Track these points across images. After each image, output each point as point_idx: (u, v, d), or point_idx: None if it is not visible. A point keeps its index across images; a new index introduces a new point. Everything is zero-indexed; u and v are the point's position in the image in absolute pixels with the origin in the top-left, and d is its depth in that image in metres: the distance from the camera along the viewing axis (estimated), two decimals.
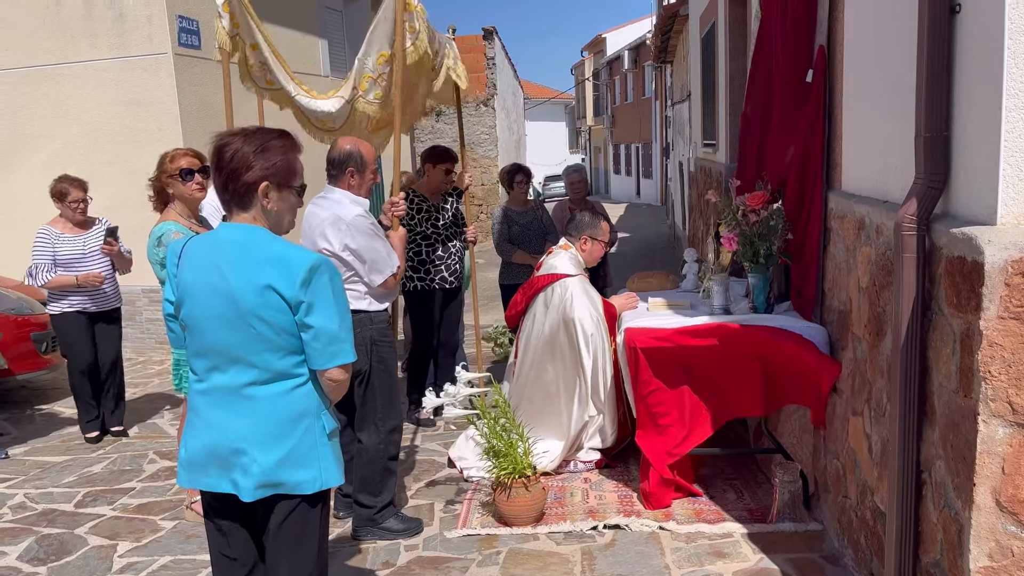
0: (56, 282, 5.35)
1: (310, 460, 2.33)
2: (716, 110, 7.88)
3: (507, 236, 6.19)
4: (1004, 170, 2.07)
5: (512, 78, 25.06)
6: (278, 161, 2.30)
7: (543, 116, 42.13)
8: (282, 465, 2.29)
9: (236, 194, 2.29)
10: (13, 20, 8.20)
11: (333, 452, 2.40)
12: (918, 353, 2.44)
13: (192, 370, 2.39)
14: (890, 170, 2.85)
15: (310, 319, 2.25)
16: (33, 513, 4.46)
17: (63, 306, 5.47)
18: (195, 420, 2.37)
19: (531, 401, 4.63)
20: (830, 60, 3.62)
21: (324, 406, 2.39)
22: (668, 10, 12.82)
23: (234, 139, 2.29)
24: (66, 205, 5.45)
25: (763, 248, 3.99)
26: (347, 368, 2.35)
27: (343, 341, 2.31)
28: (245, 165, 2.26)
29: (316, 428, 2.35)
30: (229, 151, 2.27)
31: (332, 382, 2.35)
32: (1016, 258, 2.02)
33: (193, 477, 2.38)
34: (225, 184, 2.29)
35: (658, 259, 14.30)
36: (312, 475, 2.33)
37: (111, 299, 5.62)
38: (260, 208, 2.31)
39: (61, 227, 5.47)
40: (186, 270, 2.34)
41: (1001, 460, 2.09)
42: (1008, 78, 2.04)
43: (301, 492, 2.33)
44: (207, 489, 2.39)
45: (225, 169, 2.27)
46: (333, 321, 2.28)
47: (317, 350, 2.28)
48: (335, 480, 2.40)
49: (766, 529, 3.70)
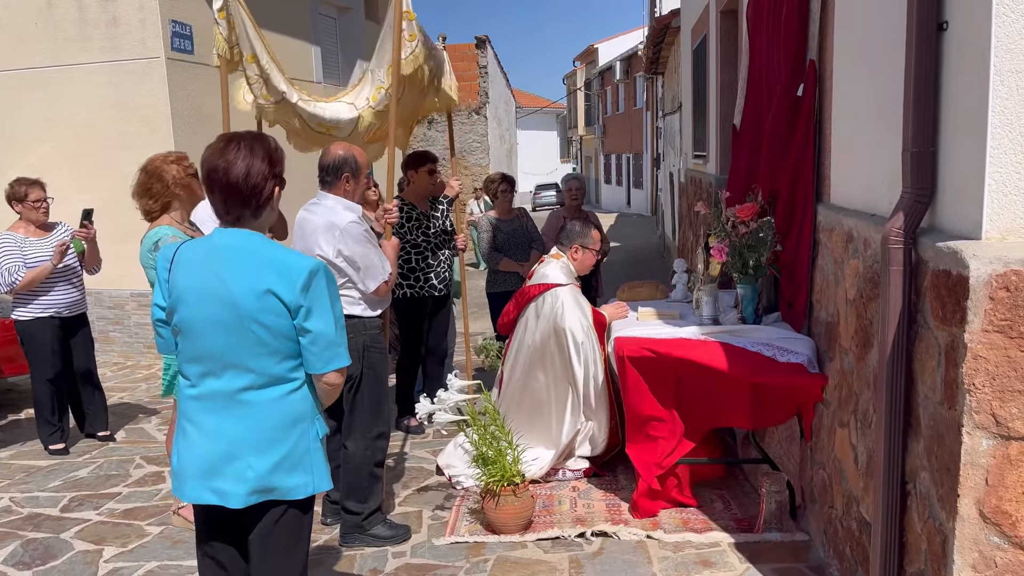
0: (32, 276, 5.07)
1: (304, 465, 2.34)
2: (707, 122, 7.93)
3: (494, 244, 6.21)
4: (989, 185, 2.11)
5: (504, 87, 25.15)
6: (281, 167, 2.37)
7: (535, 125, 42.25)
8: (276, 470, 2.30)
9: (258, 208, 2.31)
10: (5, 22, 8.18)
11: (324, 457, 2.42)
12: (904, 365, 2.47)
13: (184, 375, 2.37)
14: (878, 184, 2.89)
15: (309, 323, 2.26)
16: (18, 517, 4.43)
17: (34, 311, 5.23)
18: (187, 427, 2.35)
19: (520, 409, 4.63)
20: (820, 74, 3.66)
21: (318, 411, 2.41)
22: (660, 22, 12.91)
23: (238, 154, 2.26)
24: (28, 206, 5.20)
25: (752, 259, 4.02)
26: (343, 372, 2.38)
27: (339, 345, 2.34)
28: (263, 179, 2.29)
29: (310, 433, 2.36)
30: (242, 168, 2.25)
31: (328, 386, 2.37)
32: (1000, 272, 2.05)
33: (178, 486, 2.38)
34: (247, 201, 2.28)
35: (648, 269, 14.34)
36: (305, 480, 2.34)
37: (81, 304, 5.45)
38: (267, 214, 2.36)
39: (24, 231, 5.22)
40: (179, 275, 2.32)
41: (985, 472, 2.12)
42: (994, 95, 2.08)
43: (293, 497, 2.33)
44: (191, 501, 2.38)
45: (245, 187, 2.26)
46: (330, 325, 2.30)
47: (315, 354, 2.30)
48: (326, 485, 2.41)
49: (753, 539, 3.72)
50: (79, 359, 5.54)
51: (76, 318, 5.46)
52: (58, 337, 5.36)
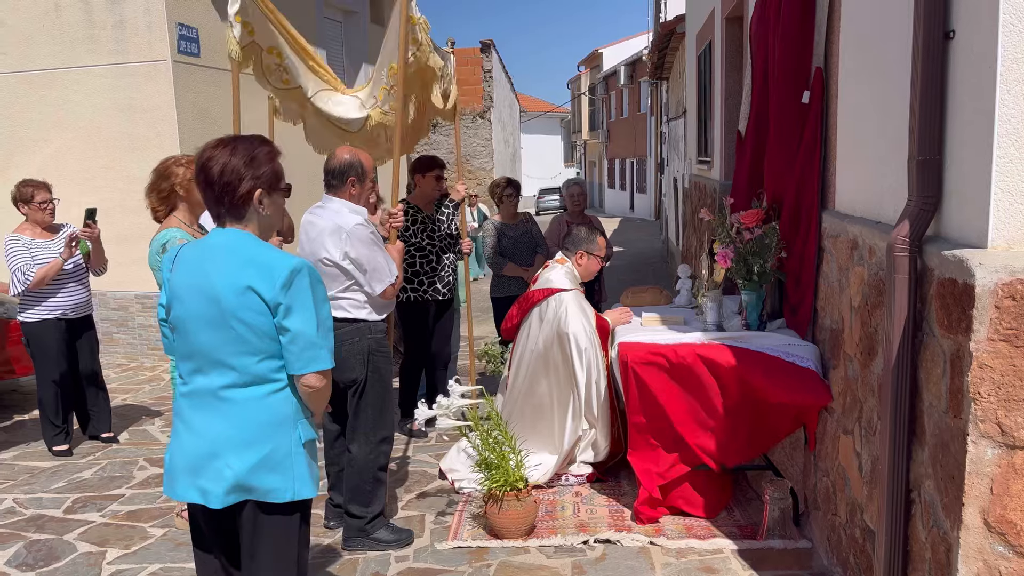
0: (43, 273, 5.09)
1: (283, 468, 2.32)
2: (711, 127, 7.93)
3: (498, 249, 6.22)
4: (996, 194, 2.11)
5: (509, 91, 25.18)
6: (266, 169, 2.34)
7: (539, 129, 42.31)
8: (255, 470, 2.29)
9: (232, 206, 2.32)
10: (12, 23, 8.21)
11: (308, 463, 2.38)
12: (909, 373, 2.47)
13: (179, 374, 2.41)
14: (883, 191, 2.89)
15: (287, 322, 2.25)
16: (22, 518, 4.44)
17: (41, 313, 5.25)
18: (177, 424, 2.39)
19: (523, 414, 4.63)
20: (826, 82, 3.66)
21: (303, 415, 2.38)
22: (665, 27, 12.91)
23: (219, 152, 2.30)
24: (34, 207, 5.23)
25: (757, 265, 4.02)
26: (324, 375, 2.34)
27: (320, 348, 2.31)
28: (238, 178, 2.29)
29: (292, 436, 2.34)
30: (217, 166, 2.28)
31: (308, 388, 2.34)
32: (1006, 281, 2.05)
33: (168, 484, 2.39)
34: (220, 199, 2.31)
35: (651, 274, 14.35)
36: (284, 483, 2.32)
37: (87, 306, 5.47)
38: (254, 215, 2.34)
39: (30, 233, 5.24)
40: (177, 273, 2.37)
41: (990, 481, 2.12)
42: (1000, 104, 2.08)
43: (272, 500, 2.32)
44: (180, 499, 2.39)
45: (217, 184, 2.29)
46: (311, 326, 2.27)
47: (294, 354, 2.28)
48: (307, 492, 2.37)
49: (756, 546, 3.72)
50: (84, 361, 5.55)
51: (82, 320, 5.47)
52: (64, 339, 5.37)
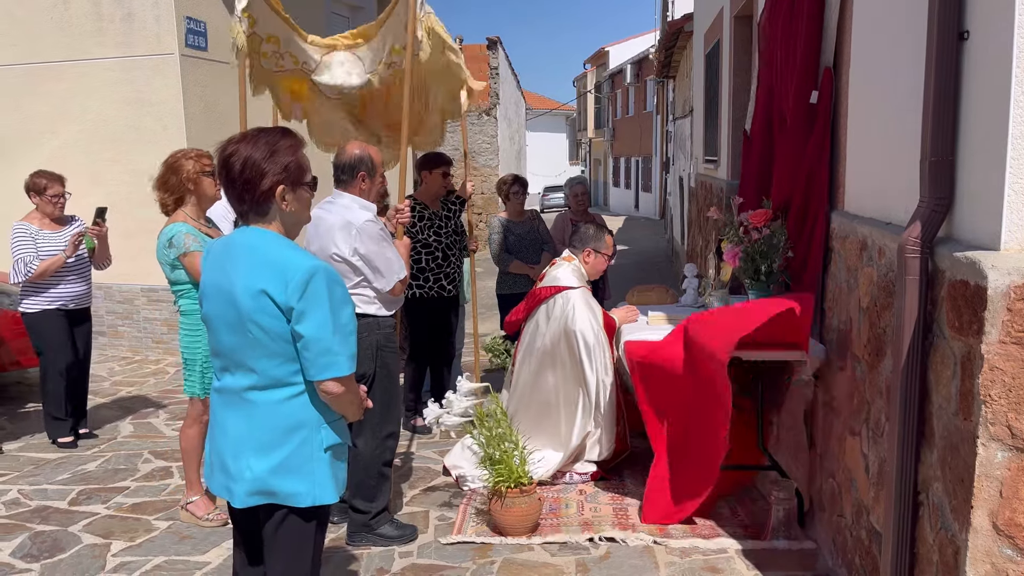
0: (44, 266, 5.09)
1: (304, 472, 2.29)
2: (719, 127, 7.92)
3: (504, 246, 6.21)
4: (1009, 196, 2.10)
5: (515, 88, 25.16)
6: (289, 162, 2.26)
7: (544, 127, 42.30)
8: (274, 474, 2.27)
9: (255, 203, 2.25)
10: (20, 16, 8.22)
11: (331, 468, 2.34)
12: (918, 375, 2.46)
13: (214, 369, 2.43)
14: (893, 192, 2.88)
15: (301, 327, 2.19)
16: (27, 510, 4.45)
17: (42, 304, 5.25)
18: (212, 419, 2.42)
19: (528, 411, 4.63)
20: (836, 82, 3.65)
21: (325, 419, 2.33)
22: (672, 26, 12.89)
23: (239, 147, 2.23)
24: (45, 199, 5.23)
25: (764, 265, 4.01)
26: (342, 381, 2.26)
27: (337, 353, 2.22)
28: (259, 173, 2.22)
29: (313, 441, 2.30)
30: (238, 162, 2.21)
31: (326, 394, 2.28)
32: (1019, 284, 2.04)
33: (208, 475, 2.43)
34: (241, 196, 2.25)
35: (655, 272, 14.34)
36: (305, 488, 2.29)
37: (87, 298, 5.47)
38: (277, 212, 2.28)
39: (38, 223, 5.24)
40: (206, 271, 2.36)
41: (999, 484, 2.11)
42: (1015, 106, 2.06)
43: (293, 504, 2.30)
44: (214, 492, 2.42)
45: (239, 180, 2.22)
46: (326, 331, 2.20)
47: (309, 360, 2.22)
48: (329, 497, 2.34)
49: (760, 546, 3.71)
50: (80, 354, 5.56)
51: (81, 311, 5.50)
52: (66, 329, 5.38)
